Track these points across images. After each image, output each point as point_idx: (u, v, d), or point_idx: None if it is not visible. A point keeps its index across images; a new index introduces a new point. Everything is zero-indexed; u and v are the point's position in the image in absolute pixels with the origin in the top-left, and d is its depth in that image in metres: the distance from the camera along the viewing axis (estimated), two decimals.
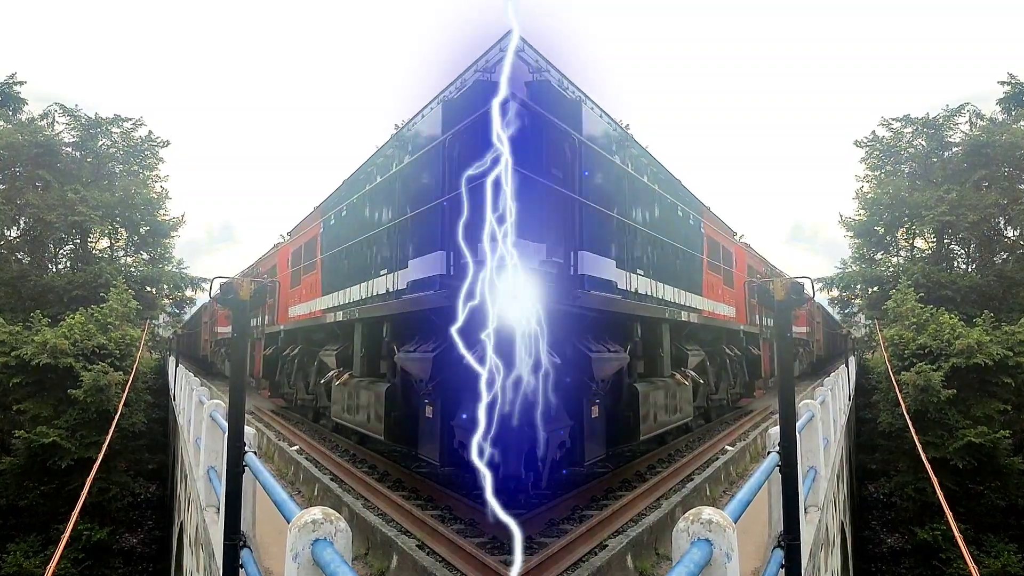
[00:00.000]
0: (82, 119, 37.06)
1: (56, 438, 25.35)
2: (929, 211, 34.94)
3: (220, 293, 5.94)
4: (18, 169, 34.74)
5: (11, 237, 35.58)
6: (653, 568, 7.92)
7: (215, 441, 8.77)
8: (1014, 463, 26.00)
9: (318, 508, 3.61)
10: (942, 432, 25.91)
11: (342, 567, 3.11)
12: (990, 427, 25.80)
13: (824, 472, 9.46)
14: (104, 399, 25.62)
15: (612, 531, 8.87)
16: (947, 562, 25.43)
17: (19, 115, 35.90)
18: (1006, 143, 34.27)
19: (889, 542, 26.71)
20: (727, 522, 3.47)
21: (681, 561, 3.19)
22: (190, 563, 12.35)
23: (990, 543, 25.60)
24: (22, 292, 33.99)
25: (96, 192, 35.82)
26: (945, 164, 36.82)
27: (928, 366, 26.39)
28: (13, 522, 26.03)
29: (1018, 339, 27.61)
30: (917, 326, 29.21)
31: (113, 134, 38.08)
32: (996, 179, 34.86)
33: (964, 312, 31.51)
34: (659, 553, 8.40)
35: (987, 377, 26.84)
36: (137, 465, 27.39)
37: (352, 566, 3.21)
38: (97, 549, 25.46)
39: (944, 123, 36.93)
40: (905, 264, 37.35)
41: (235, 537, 5.83)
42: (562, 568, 7.54)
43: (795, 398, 5.92)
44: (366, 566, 8.24)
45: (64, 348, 26.66)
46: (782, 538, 5.71)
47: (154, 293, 38.70)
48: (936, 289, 33.68)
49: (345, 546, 3.48)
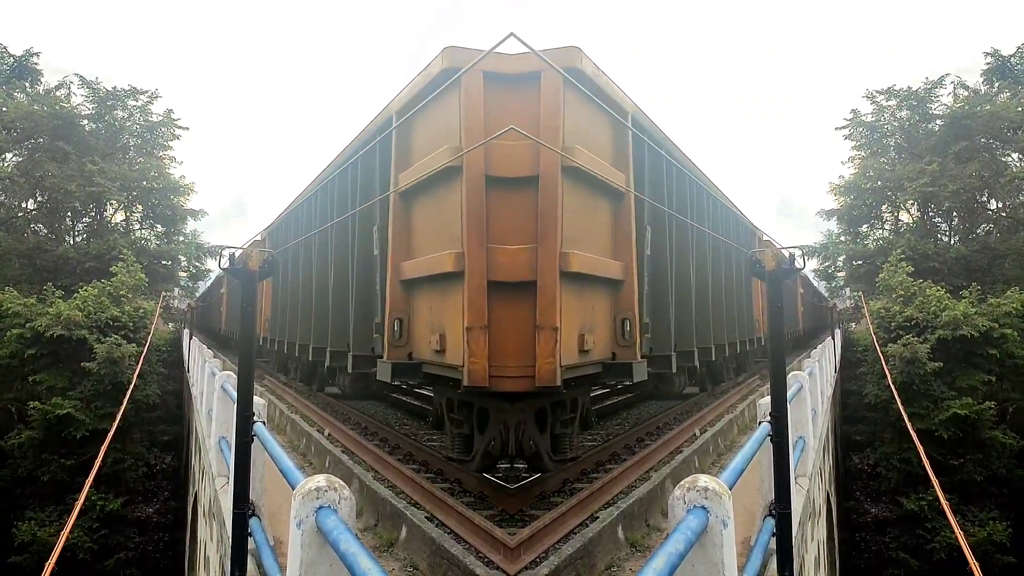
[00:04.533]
0: (99, 91, 37.05)
1: (71, 409, 25.61)
2: (912, 183, 34.99)
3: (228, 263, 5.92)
4: (37, 140, 34.82)
5: (28, 209, 35.76)
6: (644, 539, 7.96)
7: (226, 412, 8.81)
8: (996, 436, 26.35)
9: (322, 476, 3.60)
10: (927, 403, 26.31)
11: (345, 534, 3.09)
12: (974, 398, 26.23)
13: (812, 443, 9.49)
14: (117, 371, 25.83)
15: (603, 503, 8.91)
16: (933, 531, 25.79)
17: (36, 87, 36.04)
18: (988, 115, 34.17)
19: (873, 512, 27.06)
20: (723, 489, 3.44)
21: (678, 528, 3.16)
22: (204, 533, 12.46)
23: (973, 514, 25.95)
24: (38, 264, 34.21)
25: (113, 165, 35.91)
26: (928, 136, 36.70)
27: (915, 338, 26.71)
28: (30, 490, 26.37)
29: (1003, 311, 27.90)
30: (904, 299, 29.41)
31: (129, 107, 38.08)
32: (976, 151, 34.80)
33: (950, 283, 31.74)
34: (649, 524, 8.45)
35: (972, 349, 27.25)
36: (152, 436, 27.62)
37: (358, 535, 3.20)
38: (111, 518, 25.74)
39: (927, 95, 36.76)
40: (891, 237, 37.34)
41: (244, 505, 5.86)
42: (555, 539, 7.57)
43: (785, 369, 5.88)
44: (376, 537, 8.27)
45: (78, 320, 26.87)
46: (773, 507, 5.76)
47: (169, 266, 38.84)
48: (922, 261, 33.71)
49: (349, 514, 3.46)
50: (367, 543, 7.20)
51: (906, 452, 25.91)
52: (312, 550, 3.47)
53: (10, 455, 26.73)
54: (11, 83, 35.20)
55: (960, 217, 36.61)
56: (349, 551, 2.93)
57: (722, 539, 3.39)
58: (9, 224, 34.71)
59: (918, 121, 37.23)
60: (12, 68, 35.51)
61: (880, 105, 38.27)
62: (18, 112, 33.94)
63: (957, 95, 36.19)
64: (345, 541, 3.03)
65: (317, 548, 3.46)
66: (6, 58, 35.55)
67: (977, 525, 25.52)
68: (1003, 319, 27.69)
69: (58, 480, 25.81)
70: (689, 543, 3.08)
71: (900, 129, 37.79)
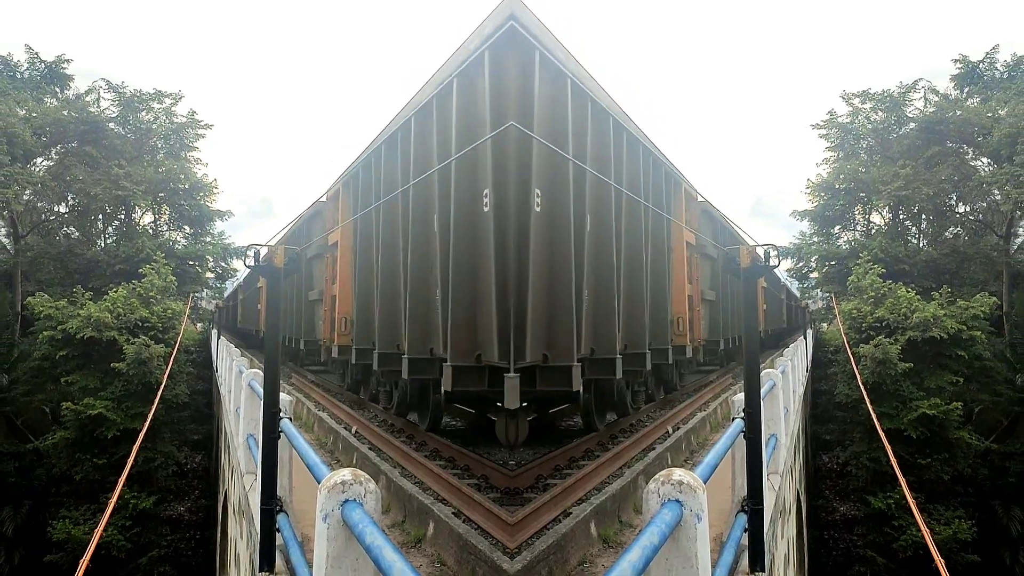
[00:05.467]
0: (124, 94, 37.45)
1: (103, 410, 25.96)
2: (885, 186, 35.21)
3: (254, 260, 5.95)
4: (67, 145, 35.31)
5: (60, 212, 36.27)
6: (616, 535, 7.94)
7: (253, 409, 8.87)
8: (963, 436, 26.86)
9: (348, 469, 3.59)
10: (897, 403, 26.75)
11: (370, 527, 3.08)
12: (942, 399, 26.71)
13: (784, 440, 9.44)
14: (147, 371, 26.14)
15: (576, 499, 8.89)
16: (900, 529, 26.20)
17: (66, 92, 36.54)
18: (959, 119, 34.60)
19: (842, 510, 27.47)
20: (697, 483, 3.42)
21: (652, 522, 3.12)
22: (234, 531, 12.58)
23: (939, 512, 26.40)
24: (69, 267, 34.69)
25: (139, 168, 36.29)
26: (901, 140, 37.06)
27: (886, 339, 27.12)
28: (64, 490, 26.80)
29: (971, 314, 28.51)
30: (875, 300, 29.75)
31: (155, 109, 38.44)
32: (947, 155, 35.16)
33: (920, 285, 32.21)
34: (622, 521, 8.44)
35: (941, 350, 27.87)
36: (182, 436, 27.98)
37: (385, 531, 3.18)
38: (144, 517, 26.09)
39: (901, 99, 37.18)
40: (862, 239, 37.65)
41: (271, 501, 5.90)
42: (528, 535, 7.56)
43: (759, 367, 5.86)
44: (403, 533, 8.29)
45: (107, 321, 27.22)
46: (746, 503, 5.77)
47: (197, 267, 39.20)
48: (893, 263, 34.07)
49: (375, 507, 3.46)
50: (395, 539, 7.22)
51: (875, 451, 26.33)
52: (338, 544, 3.47)
53: (45, 455, 27.20)
54: (41, 88, 35.70)
55: (929, 220, 37.19)
56: (375, 544, 2.92)
57: (696, 533, 3.37)
58: (42, 228, 35.23)
59: (892, 124, 37.67)
60: (43, 74, 36.01)
61: (855, 107, 38.60)
62: (48, 117, 34.41)
63: (928, 99, 36.71)
64: (370, 534, 3.03)
65: (343, 542, 3.46)
66: (37, 64, 36.05)
67: (943, 524, 26.04)
68: (971, 322, 28.28)
69: (91, 479, 26.19)
70: (664, 536, 3.06)
71: (874, 132, 38.12)
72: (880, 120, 37.81)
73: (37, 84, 35.69)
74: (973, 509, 26.93)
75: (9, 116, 32.11)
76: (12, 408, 29.01)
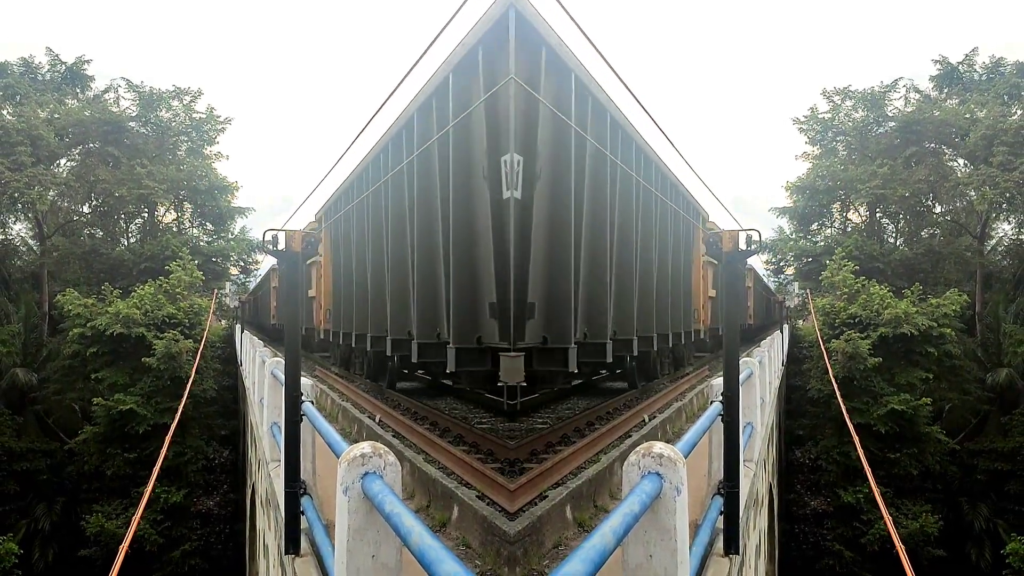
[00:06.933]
0: (144, 93, 37.73)
1: (133, 405, 26.28)
2: (864, 184, 35.30)
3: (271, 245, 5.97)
4: (89, 146, 35.67)
5: (84, 212, 36.68)
6: (592, 520, 7.91)
7: (276, 397, 8.94)
8: (932, 432, 27.23)
9: (367, 442, 3.60)
10: (867, 399, 27.08)
11: (390, 497, 3.09)
12: (912, 395, 27.02)
13: (760, 430, 9.42)
14: (176, 366, 26.44)
15: (552, 483, 8.83)
16: (868, 523, 26.50)
17: (87, 92, 36.90)
18: (937, 120, 34.73)
19: (813, 504, 27.77)
20: (678, 456, 3.43)
21: (633, 492, 3.13)
22: (262, 523, 12.68)
23: (907, 507, 26.70)
24: (95, 266, 35.09)
25: (161, 166, 36.59)
26: (880, 139, 37.17)
27: (857, 334, 27.42)
28: (96, 485, 27.18)
29: (943, 312, 28.82)
30: (849, 296, 30.05)
31: (174, 107, 38.70)
32: (925, 155, 35.30)
33: (893, 284, 32.37)
34: (597, 505, 8.43)
35: (912, 347, 28.35)
36: (210, 430, 28.28)
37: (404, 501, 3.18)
38: (174, 510, 26.41)
39: (881, 98, 37.22)
40: (838, 237, 37.86)
41: (295, 484, 5.93)
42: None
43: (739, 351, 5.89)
44: (428, 517, 8.31)
45: (135, 318, 27.54)
46: (722, 485, 5.80)
47: (220, 263, 39.52)
48: (868, 261, 34.30)
49: (395, 479, 3.46)
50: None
51: (846, 446, 26.56)
52: (359, 516, 3.48)
53: (76, 452, 27.59)
54: (62, 90, 36.08)
55: (906, 219, 37.35)
56: (394, 512, 2.93)
57: (675, 506, 3.38)
58: (66, 228, 35.65)
59: (872, 123, 37.73)
60: (64, 75, 36.37)
61: (836, 104, 38.55)
62: (70, 118, 34.77)
63: (908, 99, 36.79)
64: (390, 503, 3.04)
65: (364, 514, 3.48)
66: (58, 66, 36.41)
67: (910, 518, 26.29)
68: (942, 319, 28.63)
69: (122, 474, 26.55)
70: (644, 505, 3.06)
71: (854, 129, 38.10)
72: (860, 118, 38.00)
73: (58, 86, 36.10)
74: (941, 505, 27.24)
75: (32, 118, 32.50)
76: (43, 407, 29.46)
